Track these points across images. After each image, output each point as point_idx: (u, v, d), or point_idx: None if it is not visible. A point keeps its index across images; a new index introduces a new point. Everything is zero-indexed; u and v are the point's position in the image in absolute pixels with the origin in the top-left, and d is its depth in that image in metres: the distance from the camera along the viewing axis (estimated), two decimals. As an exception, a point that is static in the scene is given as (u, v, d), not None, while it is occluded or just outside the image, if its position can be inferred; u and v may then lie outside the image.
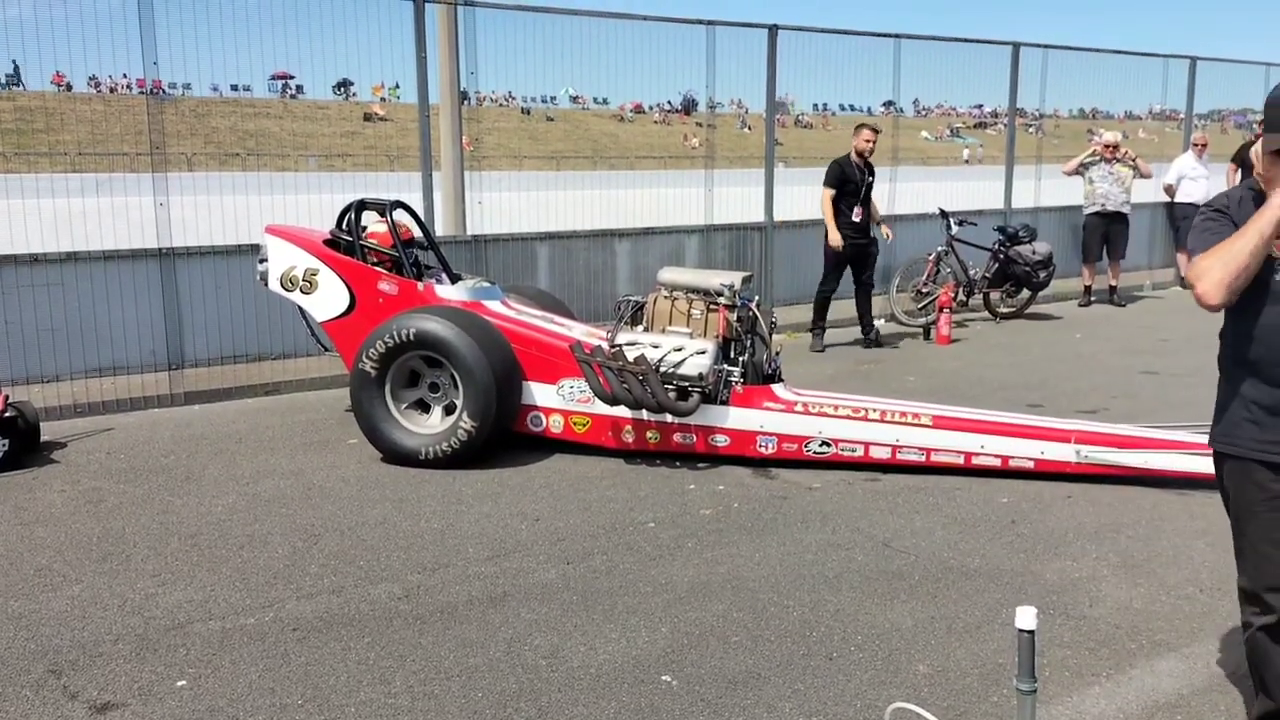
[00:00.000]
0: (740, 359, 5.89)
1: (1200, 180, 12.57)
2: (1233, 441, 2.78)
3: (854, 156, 8.91)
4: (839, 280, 9.13)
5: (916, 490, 5.31)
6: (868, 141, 8.88)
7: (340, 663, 3.52)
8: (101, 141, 14.24)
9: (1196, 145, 12.72)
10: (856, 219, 8.91)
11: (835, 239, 8.80)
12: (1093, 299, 11.60)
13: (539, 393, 5.88)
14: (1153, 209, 13.19)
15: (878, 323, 9.57)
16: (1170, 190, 12.76)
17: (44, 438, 6.02)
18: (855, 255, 9.01)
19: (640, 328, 6.07)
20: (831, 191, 8.85)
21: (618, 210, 10.71)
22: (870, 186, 9.05)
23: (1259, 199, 2.68)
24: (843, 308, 10.80)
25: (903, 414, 5.62)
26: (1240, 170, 12.82)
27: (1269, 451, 2.69)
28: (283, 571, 4.29)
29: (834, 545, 4.57)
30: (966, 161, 23.14)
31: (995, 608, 3.92)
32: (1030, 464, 5.42)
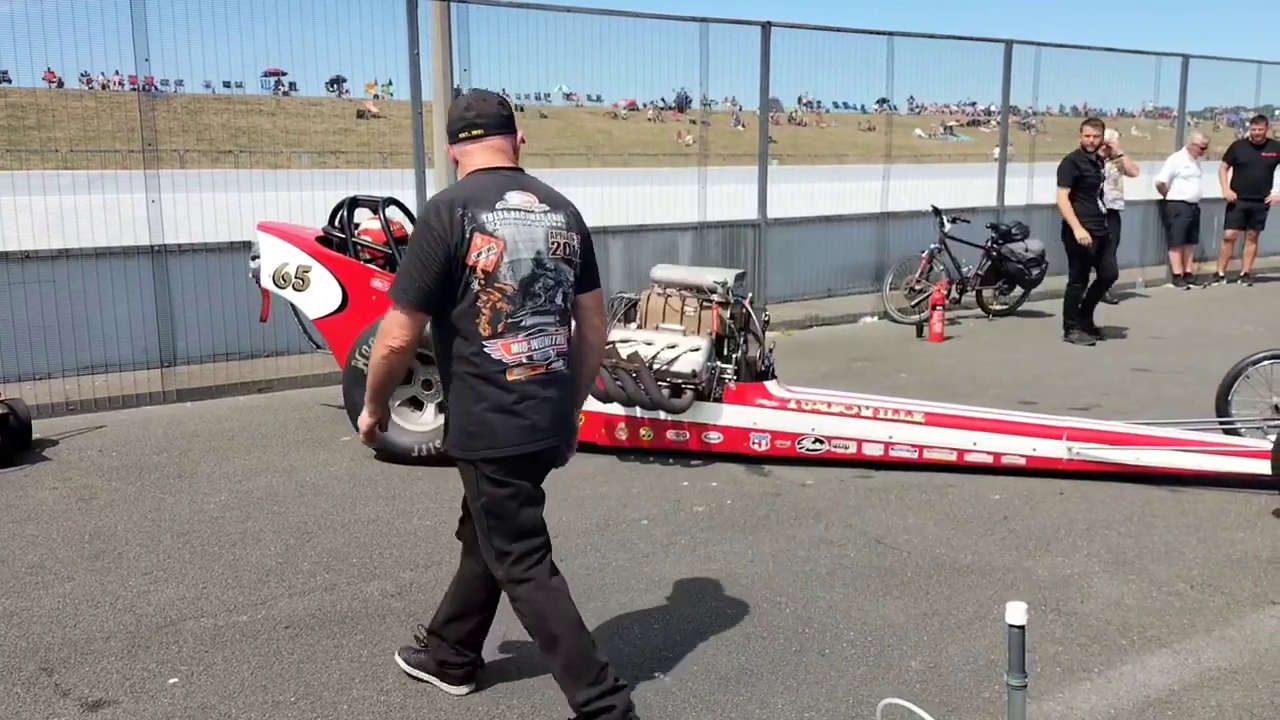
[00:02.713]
0: (733, 356, 5.89)
1: (1193, 179, 12.58)
2: None
3: (1084, 150, 9.03)
4: (1088, 275, 9.25)
5: (909, 487, 5.32)
6: (1090, 138, 9.02)
7: (333, 660, 3.52)
8: (93, 138, 14.18)
9: (1195, 145, 12.71)
10: (1102, 210, 9.14)
11: (1082, 235, 8.89)
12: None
13: (532, 390, 5.86)
14: (1144, 207, 13.21)
15: (871, 320, 9.58)
16: (1162, 188, 12.77)
17: (35, 435, 6.00)
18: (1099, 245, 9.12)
19: (633, 325, 6.07)
20: (1066, 190, 8.94)
21: (611, 207, 10.67)
22: (1103, 178, 9.30)
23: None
24: (834, 305, 10.79)
25: (895, 411, 5.62)
26: (1232, 169, 12.86)
27: None
28: (275, 569, 4.28)
29: (827, 542, 4.58)
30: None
31: (987, 604, 3.94)
32: (1022, 461, 5.43)
